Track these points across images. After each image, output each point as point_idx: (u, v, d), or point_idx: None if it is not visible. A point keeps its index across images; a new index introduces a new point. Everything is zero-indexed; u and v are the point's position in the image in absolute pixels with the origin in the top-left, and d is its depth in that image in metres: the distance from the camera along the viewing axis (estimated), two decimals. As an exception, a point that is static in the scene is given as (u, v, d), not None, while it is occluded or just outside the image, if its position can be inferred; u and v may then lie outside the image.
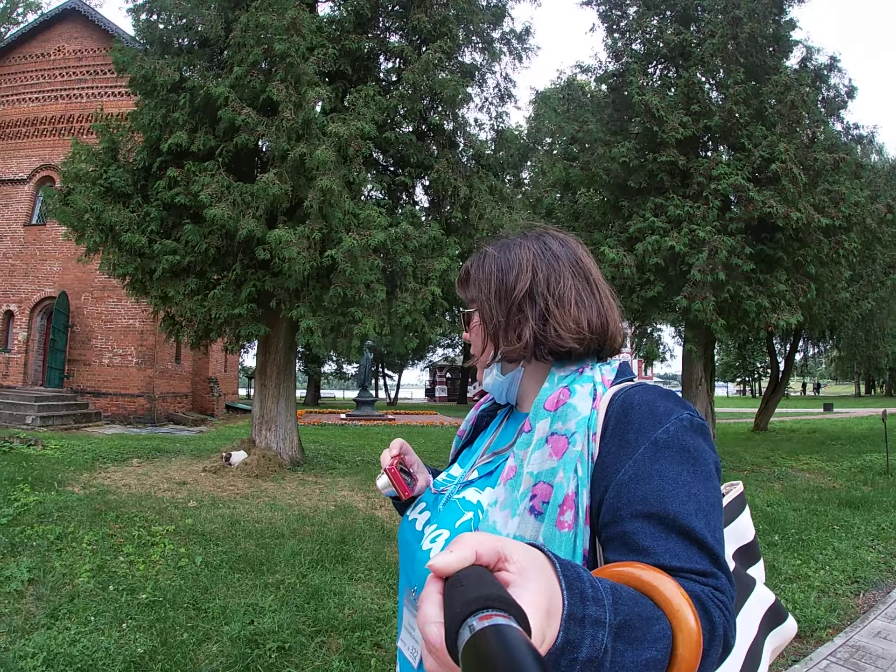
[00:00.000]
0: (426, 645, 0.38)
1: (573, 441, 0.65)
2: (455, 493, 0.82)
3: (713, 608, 0.52)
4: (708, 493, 0.59)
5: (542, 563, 0.42)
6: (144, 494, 5.43)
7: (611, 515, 0.60)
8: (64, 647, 2.68)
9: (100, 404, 13.64)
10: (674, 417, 0.63)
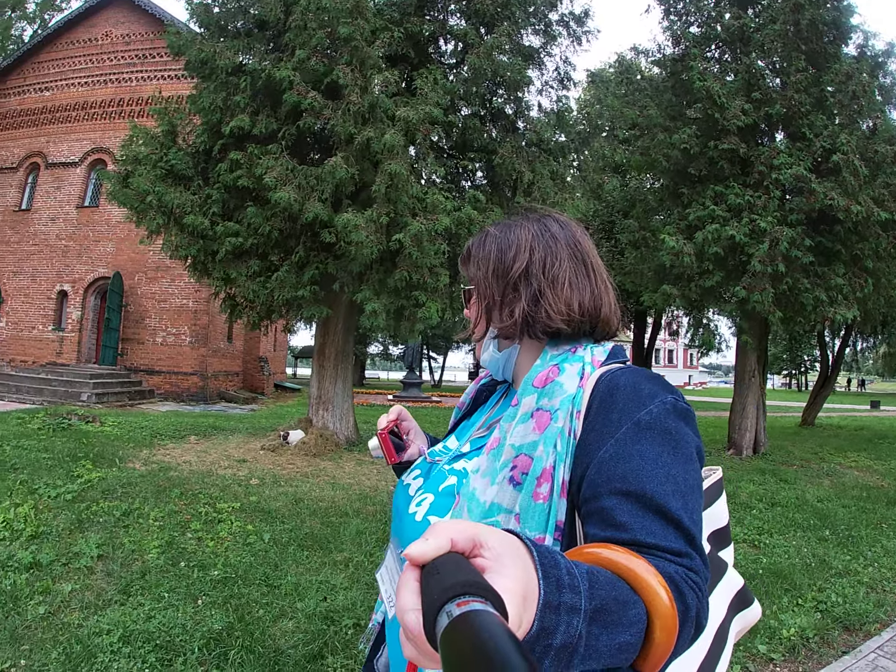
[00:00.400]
0: (405, 632, 0.38)
1: (555, 417, 0.67)
2: (446, 464, 0.84)
3: (686, 589, 0.52)
4: (687, 475, 0.60)
5: (518, 550, 0.42)
6: (206, 471, 5.53)
7: (591, 491, 0.61)
8: (139, 624, 2.71)
9: (153, 382, 14.01)
10: (657, 400, 0.64)
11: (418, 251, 5.37)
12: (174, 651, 2.53)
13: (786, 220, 7.09)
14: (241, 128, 6.13)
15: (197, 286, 12.50)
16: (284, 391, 20.66)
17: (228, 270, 6.48)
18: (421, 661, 0.38)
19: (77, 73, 15.35)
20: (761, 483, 6.40)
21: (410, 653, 0.38)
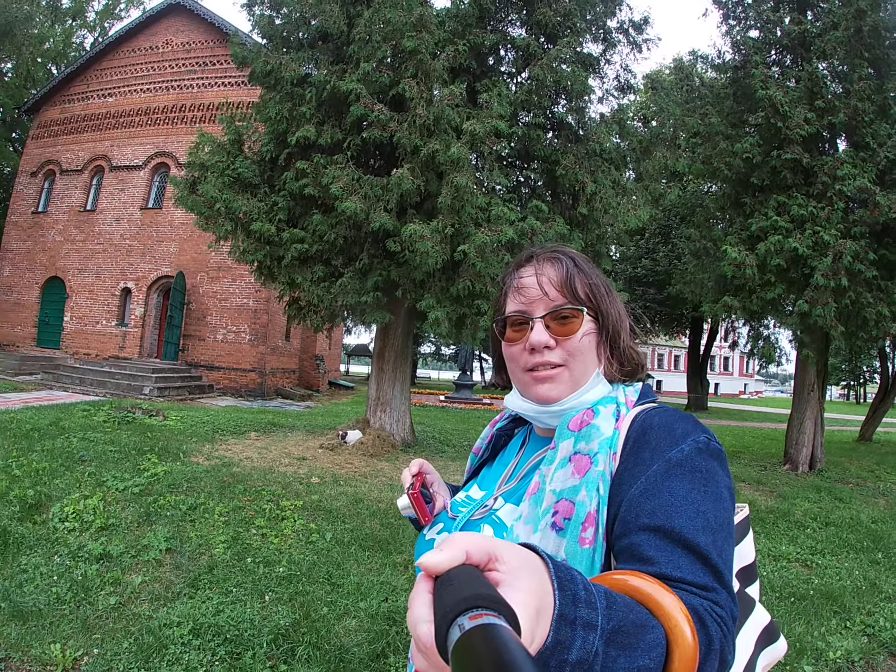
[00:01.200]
0: (416, 644, 0.37)
1: (595, 461, 0.66)
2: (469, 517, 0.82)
3: (711, 622, 0.51)
4: (717, 512, 0.60)
5: (533, 564, 0.42)
6: (267, 468, 5.59)
7: (621, 529, 0.61)
8: (208, 617, 2.75)
9: (212, 377, 14.48)
10: (690, 439, 0.65)
11: (482, 262, 5.49)
12: (243, 645, 2.59)
13: (849, 233, 6.92)
14: (307, 138, 6.30)
15: (257, 286, 12.86)
16: (338, 388, 20.98)
17: (294, 275, 6.71)
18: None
19: (139, 80, 16.04)
20: (816, 501, 6.25)
21: (422, 664, 0.38)
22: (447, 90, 5.82)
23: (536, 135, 6.13)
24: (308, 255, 6.53)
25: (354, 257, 6.50)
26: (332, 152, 6.50)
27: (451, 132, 5.88)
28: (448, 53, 6.05)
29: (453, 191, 5.50)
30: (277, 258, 6.82)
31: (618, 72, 7.20)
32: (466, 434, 9.97)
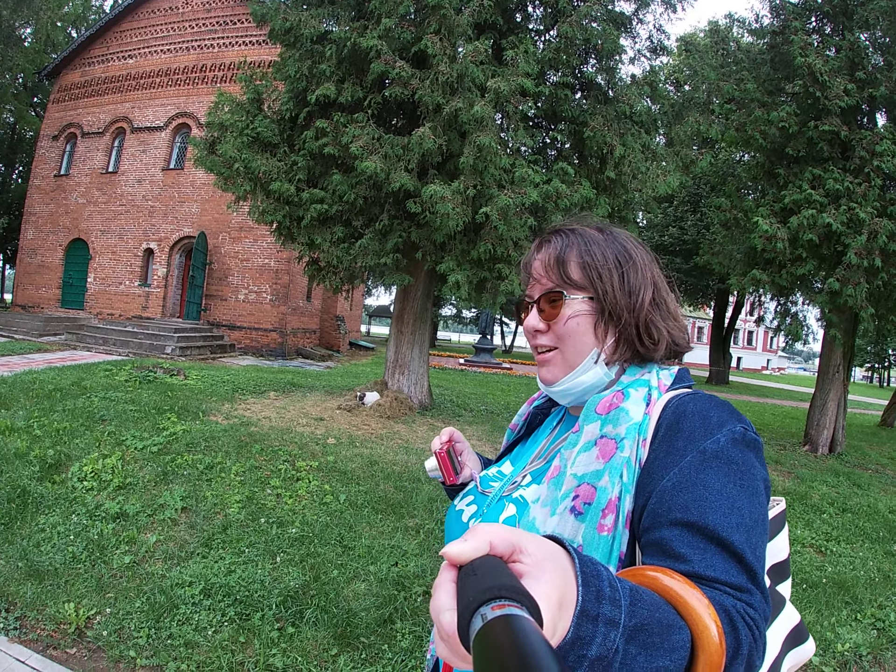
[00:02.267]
0: (438, 632, 0.38)
1: (622, 447, 0.65)
2: (501, 493, 0.82)
3: (741, 625, 0.50)
4: (753, 508, 0.58)
5: (558, 557, 0.42)
6: (285, 428, 5.57)
7: (651, 521, 0.59)
8: (220, 578, 2.75)
9: (234, 336, 14.69)
10: (726, 429, 0.62)
11: (505, 225, 5.37)
12: (252, 606, 2.61)
13: (885, 212, 6.65)
14: (327, 96, 6.17)
15: (278, 246, 12.87)
16: (359, 349, 21.10)
17: (313, 236, 6.65)
18: (454, 661, 0.38)
19: (159, 41, 15.91)
20: (834, 485, 6.13)
21: (444, 652, 0.38)
22: (471, 46, 5.62)
23: (564, 94, 5.92)
24: (327, 215, 6.46)
25: (374, 218, 6.42)
26: (353, 111, 6.38)
27: (475, 90, 5.72)
28: (473, 8, 5.82)
29: (476, 151, 5.36)
30: (297, 218, 6.76)
31: (650, 32, 6.87)
32: (485, 398, 9.93)
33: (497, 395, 10.67)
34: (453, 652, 0.37)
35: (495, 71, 5.86)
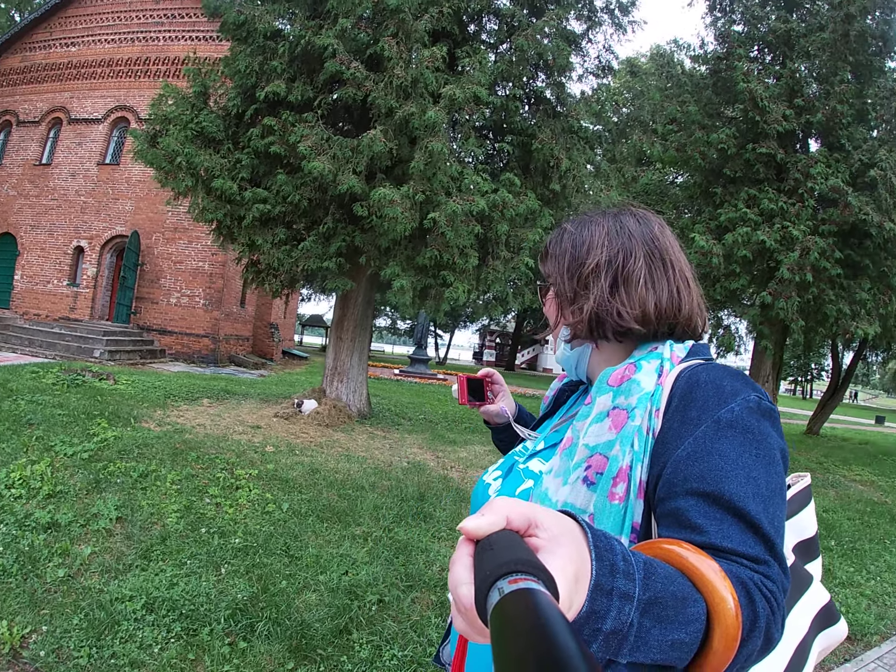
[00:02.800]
0: (456, 605, 0.38)
1: (633, 416, 0.64)
2: (521, 463, 0.83)
3: (758, 597, 0.50)
4: (769, 478, 0.57)
5: (573, 532, 0.42)
6: (221, 436, 5.46)
7: (666, 491, 0.59)
8: (162, 591, 2.63)
9: (165, 342, 14.06)
10: (740, 398, 0.61)
11: (452, 231, 5.33)
12: (199, 620, 2.49)
13: (817, 230, 7.04)
14: (277, 93, 6.03)
15: (213, 249, 12.57)
16: (292, 358, 20.71)
17: (254, 237, 6.44)
18: (471, 634, 0.39)
19: (104, 30, 15.18)
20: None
21: (461, 626, 0.39)
22: (427, 52, 5.60)
23: (514, 106, 5.97)
24: (270, 216, 6.26)
25: (318, 221, 6.26)
26: (302, 110, 6.24)
27: (428, 97, 5.68)
28: (432, 15, 5.81)
29: (427, 156, 5.31)
30: (238, 218, 6.53)
31: (599, 52, 7.09)
32: (422, 408, 10.00)
33: (434, 405, 10.74)
34: (471, 625, 0.38)
35: (448, 79, 5.86)
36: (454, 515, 4.17)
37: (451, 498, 4.58)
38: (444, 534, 3.80)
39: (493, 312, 6.66)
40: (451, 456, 6.23)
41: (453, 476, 5.38)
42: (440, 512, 4.20)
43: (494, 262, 5.79)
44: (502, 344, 44.76)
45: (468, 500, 4.56)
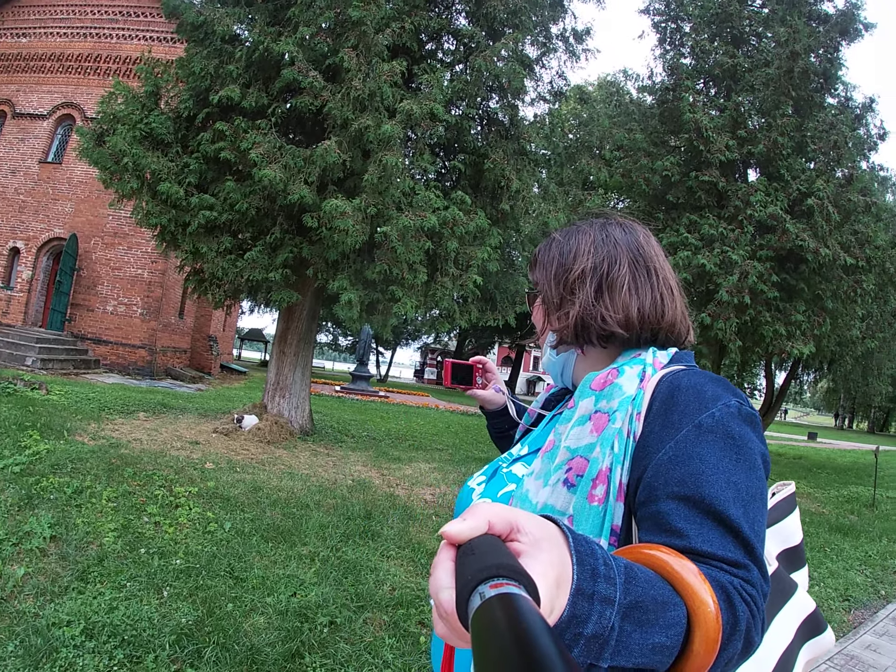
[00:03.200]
0: (437, 610, 0.38)
1: (613, 419, 0.65)
2: (505, 467, 0.84)
3: (738, 601, 0.50)
4: (750, 482, 0.58)
5: (555, 536, 0.42)
6: (158, 451, 5.32)
7: (647, 494, 0.59)
8: (102, 616, 2.50)
9: (100, 352, 13.45)
10: (721, 403, 0.61)
11: (403, 246, 5.31)
12: (143, 647, 2.36)
13: (755, 255, 7.38)
14: (231, 98, 5.93)
15: (154, 256, 12.21)
16: (230, 373, 20.20)
17: (198, 244, 6.25)
18: (452, 639, 0.38)
19: (57, 23, 14.60)
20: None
21: (442, 630, 0.38)
22: (387, 66, 5.61)
23: (468, 126, 6.05)
24: (216, 223, 6.10)
25: (265, 231, 6.14)
26: (255, 117, 6.15)
27: (384, 111, 5.69)
28: (394, 29, 5.83)
29: (380, 169, 5.30)
30: (182, 224, 6.34)
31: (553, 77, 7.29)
32: (365, 425, 9.92)
33: (377, 423, 10.71)
34: (452, 630, 0.37)
35: (404, 95, 5.89)
36: (402, 534, 4.11)
37: (398, 516, 4.52)
38: (392, 552, 3.74)
39: (440, 328, 6.66)
40: (396, 473, 6.16)
41: (399, 494, 5.31)
42: (388, 530, 4.13)
43: (443, 279, 5.80)
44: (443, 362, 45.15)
45: (415, 518, 4.52)
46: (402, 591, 3.15)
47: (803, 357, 8.44)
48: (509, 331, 32.54)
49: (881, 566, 4.97)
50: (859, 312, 8.51)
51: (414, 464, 6.85)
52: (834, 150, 7.91)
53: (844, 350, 10.34)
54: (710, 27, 9.03)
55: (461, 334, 34.12)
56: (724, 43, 8.94)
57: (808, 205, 7.34)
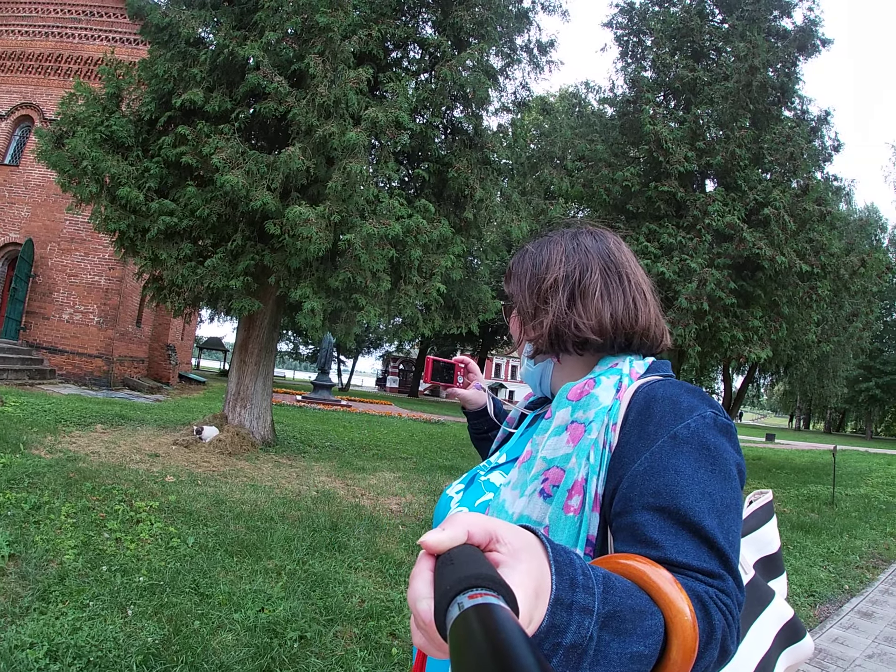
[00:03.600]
0: (415, 620, 0.38)
1: (589, 429, 0.66)
2: (483, 476, 0.85)
3: (714, 610, 0.50)
4: (725, 493, 0.58)
5: (533, 546, 0.42)
6: (117, 465, 5.19)
7: (622, 505, 0.59)
8: (65, 636, 2.43)
9: (55, 361, 12.97)
10: (696, 414, 0.62)
11: (366, 254, 5.30)
12: (109, 668, 2.30)
13: (713, 263, 7.60)
14: (194, 101, 5.86)
15: (111, 263, 11.89)
16: (189, 383, 19.80)
17: (158, 251, 6.13)
18: (430, 650, 0.38)
19: (19, 20, 14.12)
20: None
21: (420, 641, 0.38)
22: (353, 73, 5.61)
23: (432, 134, 6.09)
24: (176, 229, 6.00)
25: (227, 237, 6.06)
26: (218, 122, 6.09)
27: (349, 118, 5.69)
28: (360, 37, 5.84)
29: (345, 177, 5.28)
30: (142, 230, 6.22)
31: (516, 88, 7.40)
32: (328, 435, 9.81)
33: (340, 432, 10.59)
34: (430, 641, 0.37)
35: (369, 102, 5.90)
36: (369, 545, 4.07)
37: (365, 527, 4.47)
38: (360, 564, 3.69)
39: (403, 336, 6.66)
40: (360, 483, 6.10)
41: (365, 504, 5.26)
42: (354, 541, 4.08)
43: (407, 287, 5.80)
44: (406, 370, 44.60)
45: (381, 529, 4.47)
46: (372, 602, 3.12)
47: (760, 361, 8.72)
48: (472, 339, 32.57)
49: (843, 561, 5.09)
50: (814, 317, 8.79)
51: (379, 473, 6.80)
52: (790, 162, 8.21)
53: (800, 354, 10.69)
54: (671, 41, 9.30)
55: (423, 342, 33.67)
56: (684, 57, 9.22)
57: (764, 214, 7.60)
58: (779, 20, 9.76)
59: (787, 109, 9.66)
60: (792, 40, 9.13)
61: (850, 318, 10.97)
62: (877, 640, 3.40)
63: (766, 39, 8.72)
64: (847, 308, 10.83)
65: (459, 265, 6.22)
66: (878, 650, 3.24)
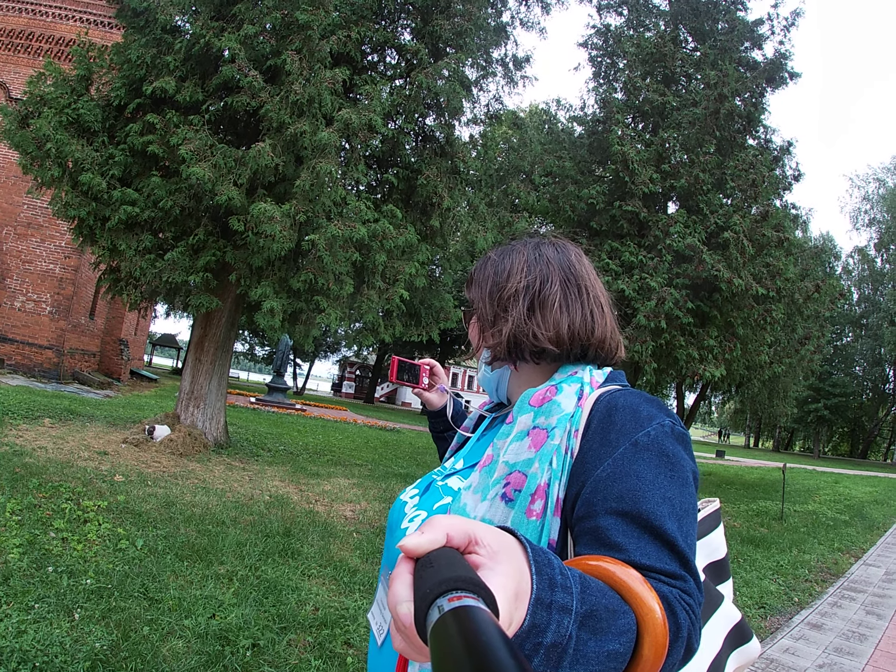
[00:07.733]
0: (395, 624, 0.38)
1: (552, 435, 0.67)
2: (440, 481, 0.86)
3: (679, 609, 0.52)
4: (683, 498, 0.60)
5: (512, 548, 0.43)
6: (65, 461, 5.08)
7: (585, 510, 0.61)
8: (9, 640, 2.35)
9: (4, 350, 12.49)
10: (655, 422, 0.64)
11: (330, 256, 5.28)
12: None
13: (672, 283, 7.84)
14: (165, 90, 5.77)
15: (67, 251, 11.52)
16: (141, 379, 19.23)
17: (117, 241, 5.98)
18: (410, 653, 0.38)
19: (-7, -5, 13.62)
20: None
21: (400, 645, 0.38)
22: (329, 73, 5.60)
23: (404, 140, 6.13)
24: (137, 220, 5.87)
25: (189, 231, 5.96)
26: (188, 112, 6.00)
27: (321, 118, 5.68)
28: (339, 37, 5.85)
29: (313, 176, 5.26)
30: (102, 219, 6.06)
31: (489, 100, 7.51)
32: (282, 438, 9.72)
33: (294, 436, 10.51)
34: (410, 644, 0.37)
35: (343, 104, 5.90)
36: (323, 551, 4.03)
37: (319, 533, 4.42)
38: (314, 571, 3.64)
39: (363, 341, 6.66)
40: (315, 489, 6.05)
41: (319, 510, 5.21)
42: (308, 548, 4.04)
43: (369, 292, 5.79)
44: (362, 376, 44.25)
45: (336, 536, 4.44)
46: (326, 610, 3.08)
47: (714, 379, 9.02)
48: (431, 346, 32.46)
49: (793, 575, 5.23)
50: (768, 339, 9.11)
51: (333, 479, 6.75)
52: (751, 188, 8.52)
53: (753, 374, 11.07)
54: (643, 65, 9.59)
55: (382, 348, 33.28)
56: (655, 81, 9.51)
57: (724, 238, 7.88)
58: (750, 51, 10.17)
59: (752, 138, 10.04)
60: (761, 72, 9.51)
61: (802, 341, 11.41)
62: (827, 650, 3.49)
63: (736, 69, 9.06)
64: (800, 331, 11.26)
65: (424, 272, 6.24)
66: (828, 660, 3.33)
